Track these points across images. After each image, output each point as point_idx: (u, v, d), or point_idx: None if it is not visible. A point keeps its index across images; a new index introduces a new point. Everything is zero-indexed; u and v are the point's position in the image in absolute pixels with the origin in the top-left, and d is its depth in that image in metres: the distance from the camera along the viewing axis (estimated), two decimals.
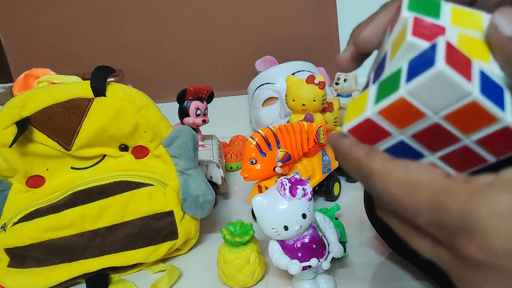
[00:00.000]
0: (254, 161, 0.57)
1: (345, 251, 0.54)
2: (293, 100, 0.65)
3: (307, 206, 0.44)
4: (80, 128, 0.54)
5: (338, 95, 0.74)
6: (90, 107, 0.53)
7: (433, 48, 0.22)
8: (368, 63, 0.29)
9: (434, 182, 0.21)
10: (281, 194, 0.44)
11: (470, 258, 0.20)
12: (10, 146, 0.51)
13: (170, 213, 0.56)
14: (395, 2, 0.27)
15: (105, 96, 0.54)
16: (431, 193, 0.21)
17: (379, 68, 0.26)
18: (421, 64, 0.22)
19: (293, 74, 0.87)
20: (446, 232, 0.20)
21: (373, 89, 0.25)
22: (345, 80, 0.73)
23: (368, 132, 0.24)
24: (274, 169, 0.58)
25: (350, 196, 0.71)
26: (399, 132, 0.24)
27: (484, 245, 0.19)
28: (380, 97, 0.24)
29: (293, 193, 0.44)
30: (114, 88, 0.54)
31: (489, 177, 0.20)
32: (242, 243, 0.50)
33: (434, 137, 0.23)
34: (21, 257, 0.53)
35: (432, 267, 0.45)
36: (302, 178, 0.45)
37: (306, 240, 0.45)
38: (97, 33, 1.13)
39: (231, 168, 0.87)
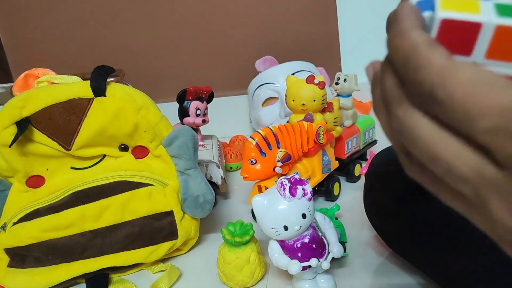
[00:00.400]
0: (254, 161, 0.57)
1: (345, 251, 0.54)
2: (293, 100, 0.65)
3: (307, 206, 0.44)
4: (80, 128, 0.54)
5: (338, 95, 0.74)
6: (90, 107, 0.53)
7: None
8: (367, 63, 0.29)
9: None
10: (281, 194, 0.44)
11: None
12: (10, 146, 0.51)
13: (170, 213, 0.56)
14: None
15: (105, 96, 0.54)
16: (509, 95, 0.18)
17: None
18: None
19: (293, 74, 0.87)
20: (510, 142, 0.18)
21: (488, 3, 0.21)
22: (345, 80, 0.73)
23: (456, 35, 0.21)
24: (274, 169, 0.58)
25: (350, 196, 0.71)
26: (484, 61, 0.21)
27: None
28: (503, 12, 0.20)
29: (293, 193, 0.44)
30: (114, 88, 0.54)
31: None
32: (242, 243, 0.50)
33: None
34: (21, 257, 0.53)
35: (432, 267, 0.45)
36: (302, 178, 0.45)
37: (306, 240, 0.45)
38: (97, 33, 1.13)
39: (231, 168, 0.87)
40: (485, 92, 0.18)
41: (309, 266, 0.45)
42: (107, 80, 0.54)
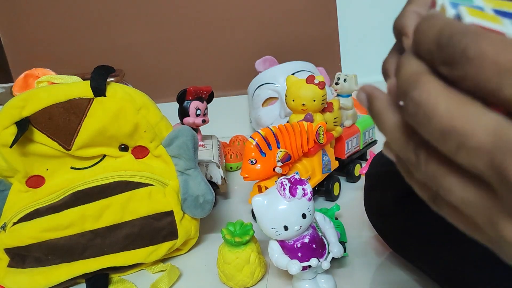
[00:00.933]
0: (254, 161, 0.57)
1: (345, 251, 0.54)
2: (293, 100, 0.65)
3: (307, 206, 0.44)
4: (80, 128, 0.54)
5: (338, 95, 0.74)
6: (90, 107, 0.53)
7: None
8: (367, 63, 0.29)
9: None
10: (281, 194, 0.44)
11: None
12: (11, 147, 0.51)
13: (170, 213, 0.56)
14: None
15: (105, 96, 0.54)
16: None
17: None
18: None
19: (293, 74, 0.87)
20: None
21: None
22: (345, 80, 0.73)
23: None
24: (274, 169, 0.58)
25: (350, 196, 0.71)
26: None
27: None
28: None
29: (293, 193, 0.44)
30: (114, 88, 0.54)
31: None
32: (242, 243, 0.50)
33: None
34: (21, 257, 0.53)
35: (431, 267, 0.45)
36: (302, 178, 0.45)
37: (306, 240, 0.45)
38: (97, 33, 1.13)
39: (231, 168, 0.87)
40: None
41: (309, 266, 0.45)
42: (107, 80, 0.54)
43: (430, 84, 0.21)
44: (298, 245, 0.45)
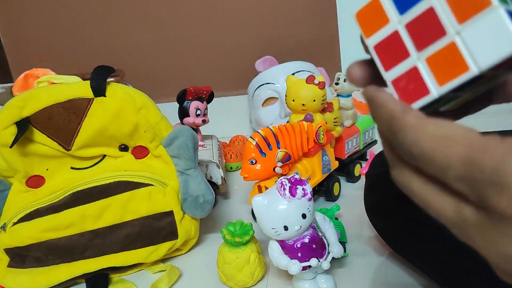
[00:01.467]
0: (254, 161, 0.57)
1: (345, 251, 0.54)
2: (293, 100, 0.65)
3: (307, 206, 0.44)
4: (80, 128, 0.54)
5: (338, 95, 0.74)
6: (90, 107, 0.53)
7: None
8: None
9: (469, 138, 0.21)
10: (281, 194, 0.44)
11: (499, 213, 0.20)
12: (11, 147, 0.51)
13: (170, 213, 0.56)
14: None
15: (105, 96, 0.54)
16: (465, 147, 0.21)
17: None
18: None
19: (293, 74, 0.88)
20: (476, 187, 0.20)
21: None
22: (345, 80, 0.73)
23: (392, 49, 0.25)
24: (274, 169, 0.58)
25: (350, 196, 0.71)
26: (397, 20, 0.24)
27: None
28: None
29: (293, 193, 0.44)
30: (114, 88, 0.54)
31: None
32: (242, 243, 0.50)
33: (426, 27, 0.24)
34: (21, 257, 0.53)
35: (431, 267, 0.45)
36: (302, 178, 0.45)
37: (306, 240, 0.45)
38: (97, 33, 1.13)
39: (231, 168, 0.87)
40: (449, 145, 0.21)
41: (309, 266, 0.45)
42: (107, 80, 0.54)
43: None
44: (298, 245, 0.45)
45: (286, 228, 0.44)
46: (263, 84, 0.94)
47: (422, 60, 0.24)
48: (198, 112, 0.74)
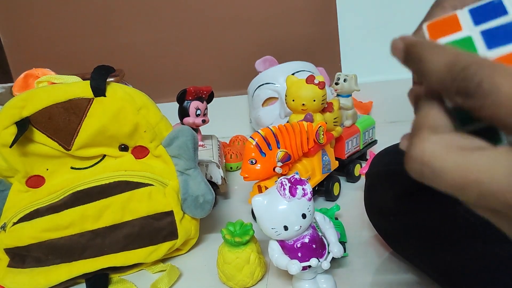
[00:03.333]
0: (254, 161, 0.57)
1: (345, 251, 0.54)
2: (293, 100, 0.65)
3: (307, 206, 0.44)
4: (80, 128, 0.54)
5: (338, 95, 0.74)
6: (90, 107, 0.53)
7: None
8: (367, 63, 0.29)
9: None
10: (281, 194, 0.44)
11: None
12: (11, 147, 0.51)
13: (170, 213, 0.56)
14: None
15: (105, 96, 0.54)
16: None
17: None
18: None
19: (293, 74, 0.87)
20: None
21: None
22: (345, 80, 0.73)
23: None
24: (274, 169, 0.58)
25: (350, 196, 0.71)
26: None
27: None
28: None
29: (293, 193, 0.44)
30: (114, 88, 0.54)
31: None
32: (242, 243, 0.50)
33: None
34: (21, 257, 0.53)
35: (431, 266, 0.45)
36: (302, 178, 0.45)
37: (306, 240, 0.45)
38: (97, 33, 1.13)
39: (231, 168, 0.87)
40: None
41: (309, 266, 0.45)
42: (107, 80, 0.54)
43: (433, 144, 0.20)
44: (298, 245, 0.45)
45: (286, 228, 0.44)
46: (263, 84, 0.94)
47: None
48: (198, 112, 0.74)
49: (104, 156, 0.57)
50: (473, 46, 0.24)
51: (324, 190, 0.69)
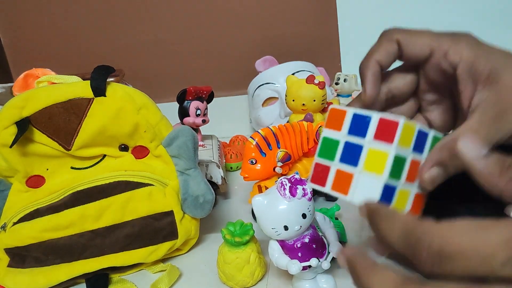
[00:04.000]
0: (254, 161, 0.57)
1: None
2: (293, 100, 0.65)
3: (307, 206, 0.44)
4: (80, 128, 0.54)
5: (338, 95, 0.74)
6: (90, 107, 0.53)
7: None
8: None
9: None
10: (281, 194, 0.44)
11: None
12: (11, 147, 0.51)
13: (170, 213, 0.56)
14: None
15: (105, 96, 0.54)
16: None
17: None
18: None
19: (293, 74, 0.87)
20: None
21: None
22: (345, 80, 0.73)
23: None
24: (274, 169, 0.58)
25: None
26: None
27: None
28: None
29: (293, 193, 0.44)
30: (114, 88, 0.54)
31: None
32: (242, 243, 0.50)
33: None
34: (21, 257, 0.53)
35: None
36: (302, 178, 0.45)
37: (306, 240, 0.45)
38: (97, 33, 1.13)
39: (231, 168, 0.87)
40: (479, 238, 0.21)
41: (309, 266, 0.45)
42: (107, 80, 0.54)
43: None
44: (298, 245, 0.45)
45: (286, 228, 0.44)
46: (263, 84, 0.94)
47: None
48: (198, 112, 0.74)
49: (104, 156, 0.57)
50: (335, 151, 0.28)
51: None
